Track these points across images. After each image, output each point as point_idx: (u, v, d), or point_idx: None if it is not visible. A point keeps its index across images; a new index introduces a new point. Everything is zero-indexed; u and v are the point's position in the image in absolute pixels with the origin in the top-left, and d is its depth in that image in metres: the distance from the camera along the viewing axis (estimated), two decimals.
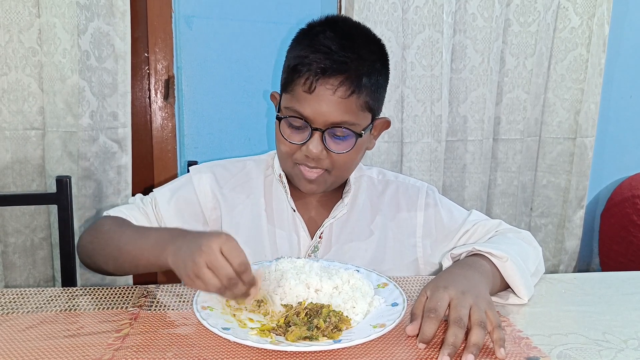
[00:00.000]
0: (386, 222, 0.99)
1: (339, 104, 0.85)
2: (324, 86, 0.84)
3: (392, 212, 1.00)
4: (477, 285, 0.72)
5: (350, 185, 0.99)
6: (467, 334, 0.64)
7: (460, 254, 0.85)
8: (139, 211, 0.95)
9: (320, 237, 0.96)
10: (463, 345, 0.63)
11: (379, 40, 0.93)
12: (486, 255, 0.80)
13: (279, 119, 0.90)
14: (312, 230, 0.97)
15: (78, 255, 0.94)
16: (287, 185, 0.97)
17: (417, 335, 0.66)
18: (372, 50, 0.89)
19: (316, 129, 0.86)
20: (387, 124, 0.98)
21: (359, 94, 0.86)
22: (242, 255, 0.66)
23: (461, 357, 0.61)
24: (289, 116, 0.88)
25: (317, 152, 0.87)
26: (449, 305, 0.67)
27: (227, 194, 0.98)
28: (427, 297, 0.70)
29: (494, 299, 0.77)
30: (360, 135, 0.88)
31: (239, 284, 0.66)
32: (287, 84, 0.89)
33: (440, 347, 0.62)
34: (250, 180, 1.01)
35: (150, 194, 0.99)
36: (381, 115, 0.96)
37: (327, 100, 0.84)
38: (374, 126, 0.94)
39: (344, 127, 0.86)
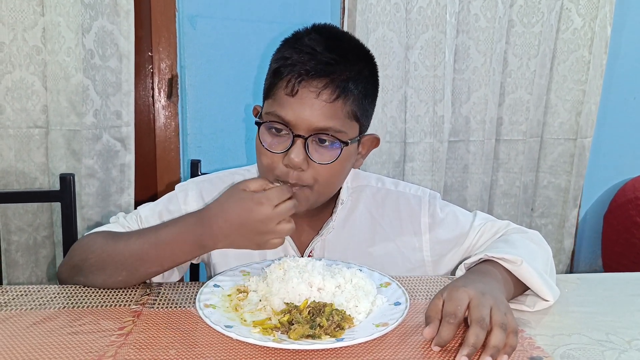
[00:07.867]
0: (388, 238, 0.94)
1: (323, 108, 0.79)
2: (307, 89, 0.79)
3: (394, 228, 0.95)
4: (494, 289, 0.70)
5: (340, 201, 0.92)
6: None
7: (473, 263, 0.82)
8: (123, 229, 0.88)
9: (309, 256, 0.92)
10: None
11: (369, 51, 0.88)
12: (498, 261, 0.77)
13: (258, 124, 0.84)
14: (302, 249, 0.93)
15: (65, 277, 0.85)
16: None
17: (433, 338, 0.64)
18: (359, 56, 0.85)
19: (298, 136, 0.79)
20: (376, 141, 0.92)
21: (345, 99, 0.80)
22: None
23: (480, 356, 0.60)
24: (270, 121, 0.81)
25: (299, 162, 0.79)
26: (468, 306, 0.65)
27: None
28: (443, 301, 0.67)
29: (522, 308, 0.76)
30: (346, 144, 0.81)
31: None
32: (269, 89, 0.84)
33: (460, 346, 0.61)
34: None
35: (134, 211, 0.94)
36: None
37: (310, 104, 0.79)
38: (361, 142, 0.89)
39: (330, 134, 0.80)
